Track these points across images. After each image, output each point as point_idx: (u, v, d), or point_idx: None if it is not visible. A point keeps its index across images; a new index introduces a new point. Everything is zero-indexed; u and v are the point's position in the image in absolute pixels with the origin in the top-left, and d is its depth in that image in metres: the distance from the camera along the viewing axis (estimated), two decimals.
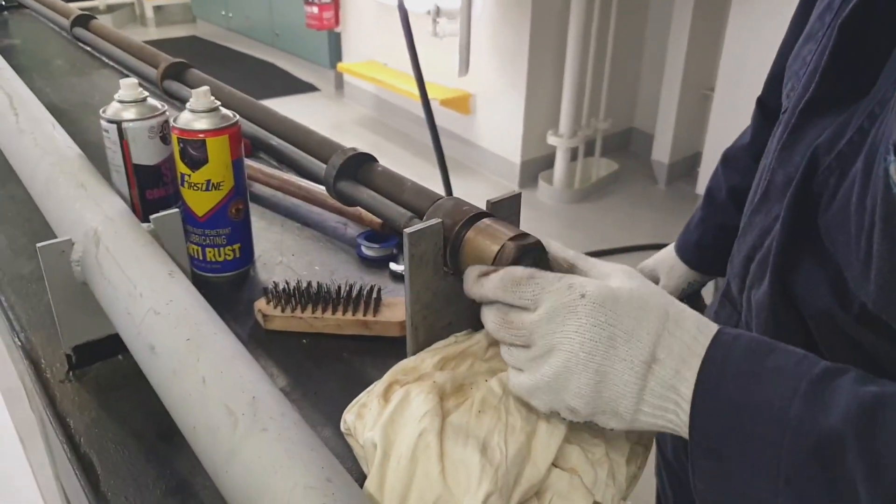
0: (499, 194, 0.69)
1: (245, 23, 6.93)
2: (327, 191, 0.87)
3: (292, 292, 0.85)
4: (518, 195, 0.71)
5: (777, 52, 0.93)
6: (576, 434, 0.62)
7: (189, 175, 0.87)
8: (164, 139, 0.91)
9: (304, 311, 0.84)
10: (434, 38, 4.05)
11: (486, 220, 0.66)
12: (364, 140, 5.04)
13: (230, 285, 0.95)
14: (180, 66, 1.22)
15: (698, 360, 0.52)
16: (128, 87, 0.90)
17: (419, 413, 0.59)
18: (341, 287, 0.85)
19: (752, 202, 0.77)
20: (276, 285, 0.85)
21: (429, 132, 1.98)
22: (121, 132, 0.89)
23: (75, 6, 1.78)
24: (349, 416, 0.64)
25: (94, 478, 0.65)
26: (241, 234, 0.94)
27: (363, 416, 0.63)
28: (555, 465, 0.60)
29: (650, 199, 4.23)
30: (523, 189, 4.27)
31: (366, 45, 5.23)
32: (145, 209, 0.92)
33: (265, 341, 0.84)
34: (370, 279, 0.96)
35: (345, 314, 0.84)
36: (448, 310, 0.70)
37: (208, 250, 0.92)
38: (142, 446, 0.69)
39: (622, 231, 3.80)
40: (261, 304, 0.86)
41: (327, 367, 0.81)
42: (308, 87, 6.09)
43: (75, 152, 0.89)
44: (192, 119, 0.86)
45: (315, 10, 5.27)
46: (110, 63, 1.79)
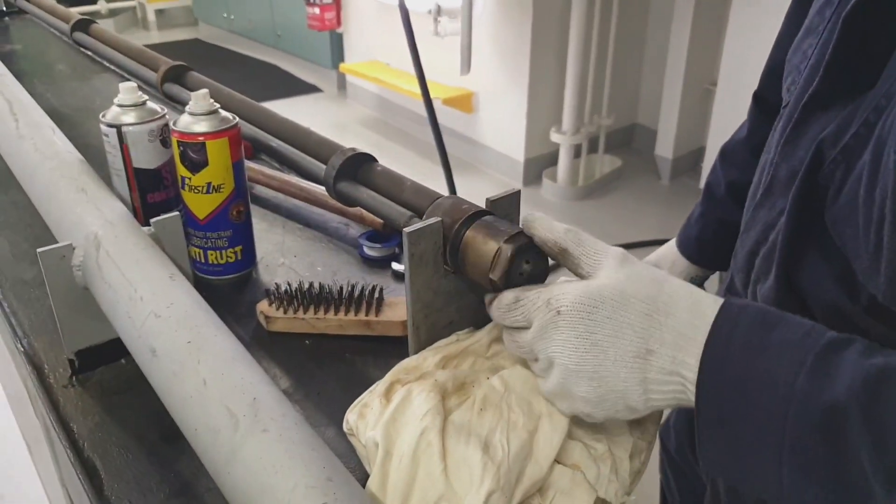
0: (495, 193, 0.69)
1: (247, 25, 6.94)
2: (327, 191, 0.87)
3: (294, 293, 0.85)
4: (517, 192, 0.70)
5: (773, 47, 0.93)
6: (579, 430, 0.62)
7: (189, 178, 0.88)
8: (165, 142, 0.91)
9: (305, 312, 0.84)
10: (436, 37, 4.05)
11: (485, 219, 0.66)
12: (367, 140, 5.04)
13: (232, 287, 0.95)
14: (180, 69, 1.22)
15: (695, 344, 0.53)
16: (127, 90, 0.90)
17: (421, 412, 0.59)
18: (343, 287, 0.85)
19: (754, 197, 0.77)
20: (278, 287, 0.85)
21: (432, 132, 1.98)
22: (121, 136, 0.89)
23: (76, 11, 1.78)
24: (351, 416, 0.64)
25: (98, 482, 0.65)
26: (243, 237, 0.94)
27: (365, 415, 0.63)
28: (557, 461, 0.60)
29: (654, 194, 4.23)
30: (527, 187, 4.27)
31: (368, 46, 5.23)
32: (146, 213, 0.92)
33: (268, 343, 0.84)
34: (372, 279, 0.96)
35: (347, 314, 0.84)
36: (449, 308, 0.70)
37: (210, 253, 0.93)
38: (145, 449, 0.69)
39: (627, 227, 3.80)
40: (263, 305, 0.86)
41: (330, 367, 0.81)
42: (311, 88, 6.09)
43: (75, 157, 0.89)
44: (191, 122, 0.86)
45: (316, 10, 5.27)
46: (111, 67, 1.79)
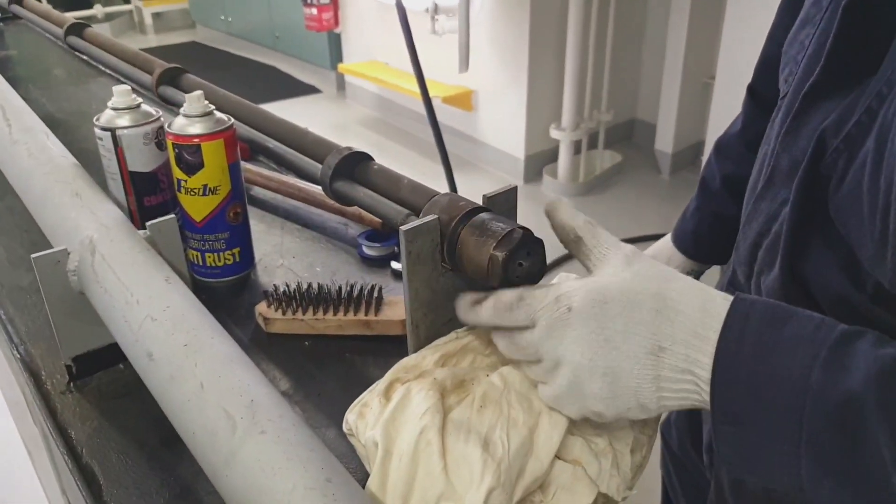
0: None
1: (245, 26, 6.94)
2: (324, 191, 0.86)
3: (293, 294, 0.84)
4: (514, 189, 0.70)
5: (766, 40, 0.93)
6: (579, 425, 0.61)
7: (185, 180, 0.87)
8: (160, 145, 0.91)
9: (304, 313, 0.84)
10: (433, 35, 4.05)
11: (482, 215, 0.65)
12: (367, 140, 5.04)
13: (231, 290, 0.94)
14: (175, 71, 1.21)
15: (707, 343, 0.52)
16: (121, 94, 0.89)
17: (420, 410, 0.58)
18: (342, 287, 0.84)
19: (754, 189, 0.77)
20: (277, 288, 0.85)
21: (432, 131, 1.97)
22: (115, 140, 0.88)
23: (72, 15, 1.78)
24: (351, 416, 0.63)
25: (97, 488, 0.64)
26: (241, 238, 0.94)
27: (365, 415, 0.62)
28: (558, 457, 0.59)
29: (655, 189, 4.22)
30: (528, 184, 4.27)
31: (366, 45, 5.23)
32: (143, 216, 0.91)
33: (267, 345, 0.84)
34: (372, 279, 0.96)
35: (346, 315, 0.83)
36: (448, 306, 0.70)
37: (208, 255, 0.92)
38: (144, 454, 0.68)
39: (628, 222, 3.79)
40: (261, 307, 0.85)
41: (330, 368, 0.80)
42: (310, 89, 6.09)
43: (69, 161, 0.89)
44: (186, 124, 0.86)
45: (314, 11, 5.27)
46: (106, 71, 1.79)
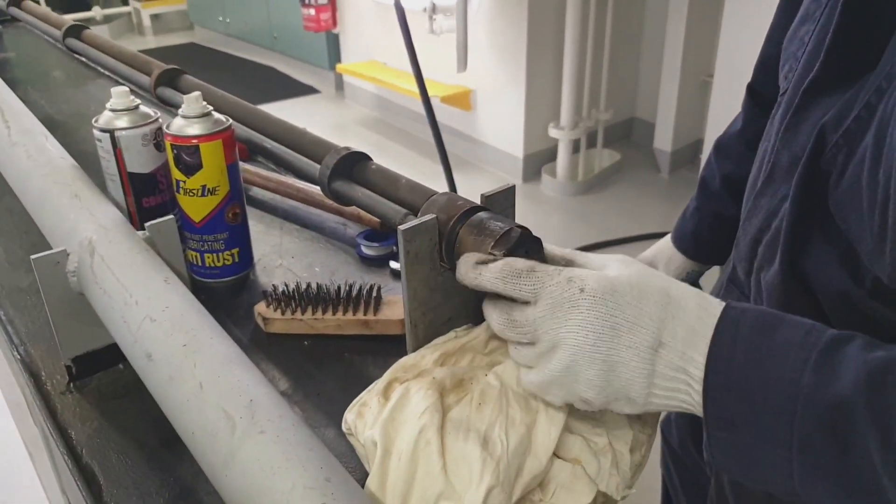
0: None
1: (243, 27, 6.93)
2: (322, 191, 0.86)
3: (292, 294, 0.84)
4: (512, 188, 0.70)
5: (765, 39, 0.93)
6: (578, 424, 0.61)
7: (184, 181, 0.87)
8: (158, 146, 0.91)
9: (304, 313, 0.84)
10: (431, 35, 4.05)
11: (480, 215, 0.66)
12: (366, 140, 5.04)
13: (230, 290, 0.94)
14: (173, 72, 1.21)
15: (704, 341, 0.53)
16: (119, 95, 0.89)
17: (419, 409, 0.58)
18: (341, 287, 0.84)
19: (754, 186, 0.77)
20: (276, 288, 0.85)
21: (431, 131, 1.97)
22: (114, 141, 0.88)
23: (70, 17, 1.78)
24: (350, 416, 0.64)
25: (97, 488, 0.64)
26: (240, 239, 0.94)
27: (364, 414, 0.62)
28: (558, 455, 0.60)
29: (654, 188, 4.22)
30: (527, 183, 4.27)
31: (364, 46, 5.23)
32: (142, 217, 0.91)
33: (266, 345, 0.84)
34: (371, 278, 0.96)
35: (345, 314, 0.83)
36: (447, 305, 0.70)
37: (207, 256, 0.92)
38: (144, 454, 0.68)
39: (627, 221, 3.79)
40: (261, 307, 0.85)
41: (329, 367, 0.80)
42: (308, 90, 6.09)
43: (68, 163, 0.89)
44: (184, 125, 0.86)
45: (312, 12, 5.27)
46: (105, 73, 1.79)
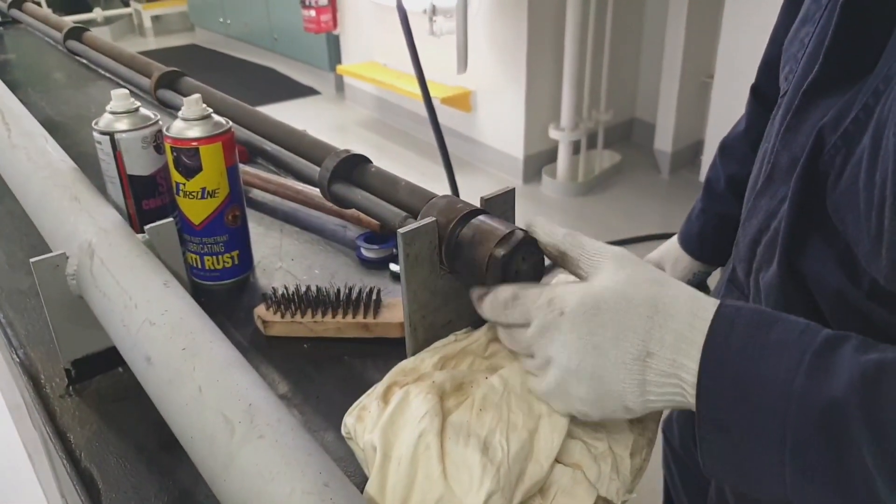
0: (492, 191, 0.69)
1: (243, 29, 6.94)
2: (322, 194, 0.86)
3: (291, 297, 0.84)
4: (511, 190, 0.70)
5: (769, 41, 0.93)
6: (578, 429, 0.61)
7: (184, 184, 0.87)
8: (158, 149, 0.91)
9: (303, 315, 0.83)
10: (431, 36, 4.05)
11: (480, 218, 0.66)
12: (367, 141, 5.04)
13: (230, 293, 0.94)
14: (173, 74, 1.21)
15: (695, 346, 0.53)
16: (119, 97, 0.89)
17: (419, 414, 0.58)
18: (341, 290, 0.84)
19: (754, 186, 0.77)
20: (275, 291, 0.85)
21: (433, 132, 1.96)
22: (114, 143, 0.88)
23: (71, 19, 1.78)
24: (349, 420, 0.63)
25: (96, 492, 0.64)
26: (239, 241, 0.94)
27: (363, 418, 0.62)
28: (558, 460, 0.59)
29: (654, 189, 4.22)
30: (527, 184, 4.27)
31: (364, 47, 5.22)
32: (142, 220, 0.91)
33: (266, 348, 0.84)
34: (371, 281, 0.96)
35: (345, 317, 0.83)
36: (446, 308, 0.70)
37: (206, 258, 0.92)
38: (144, 458, 0.68)
39: (628, 222, 3.79)
40: (260, 310, 0.85)
41: (329, 370, 0.80)
42: (309, 91, 6.09)
43: (68, 165, 0.89)
44: (184, 127, 0.86)
45: (312, 13, 5.27)
46: (106, 75, 1.79)
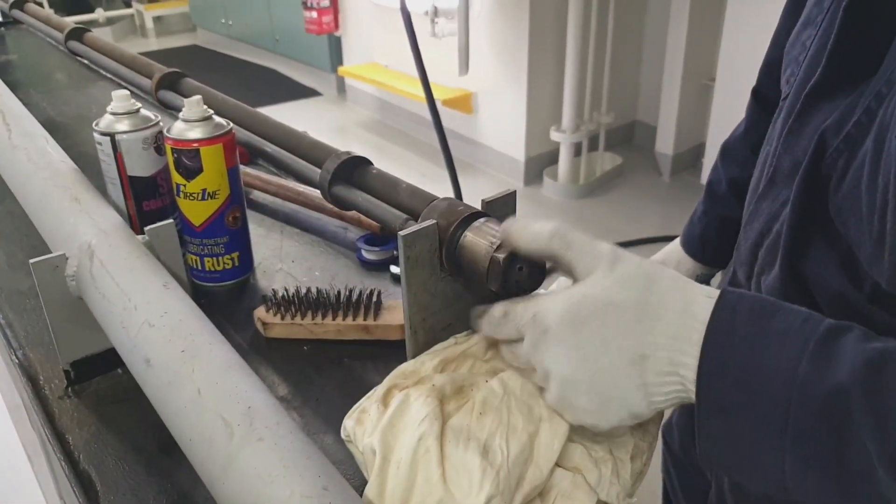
0: (494, 193, 0.69)
1: (245, 30, 6.94)
2: (322, 195, 0.86)
3: (291, 299, 0.84)
4: (513, 193, 0.70)
5: (770, 43, 0.93)
6: (579, 433, 0.61)
7: (184, 185, 0.87)
8: (159, 150, 0.90)
9: (303, 317, 0.83)
10: (433, 38, 4.05)
11: (481, 221, 0.65)
12: (368, 142, 5.04)
13: (230, 294, 0.94)
14: (174, 75, 1.21)
15: (689, 344, 0.52)
16: (120, 98, 0.89)
17: (418, 417, 0.58)
18: (341, 292, 0.84)
19: (756, 189, 0.77)
20: (276, 293, 0.84)
21: (436, 134, 1.96)
22: (114, 144, 0.88)
23: (73, 19, 1.78)
24: (349, 423, 0.63)
25: (94, 494, 0.64)
26: (240, 243, 0.93)
27: (363, 421, 0.62)
28: (558, 464, 0.59)
29: (656, 191, 4.22)
30: (528, 186, 4.26)
31: (366, 48, 5.22)
32: (142, 221, 0.91)
33: (266, 349, 0.83)
34: (371, 283, 0.96)
35: (345, 319, 0.83)
36: (447, 311, 0.70)
37: (207, 260, 0.92)
38: (142, 460, 0.68)
39: (629, 225, 3.79)
40: (260, 312, 0.85)
41: (328, 373, 0.80)
42: (310, 92, 6.09)
43: (69, 166, 0.89)
44: (185, 129, 0.86)
45: (314, 14, 5.27)
46: (107, 75, 1.79)
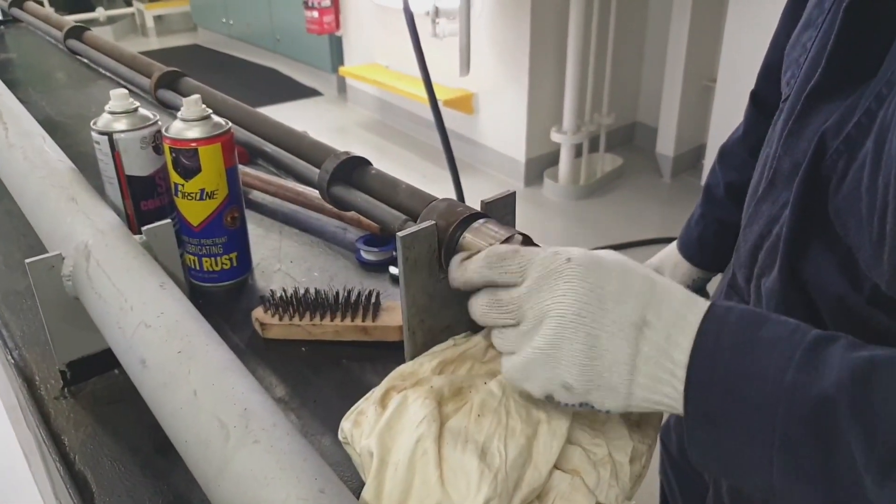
0: (494, 194, 0.68)
1: (246, 29, 6.94)
2: (321, 196, 0.86)
3: (289, 300, 0.84)
4: (512, 194, 0.69)
5: (769, 46, 0.93)
6: (577, 434, 0.61)
7: (182, 185, 0.87)
8: (157, 149, 0.90)
9: (301, 318, 0.83)
10: (434, 38, 4.04)
11: (480, 221, 0.65)
12: (368, 143, 5.04)
13: (228, 294, 0.94)
14: (173, 74, 1.21)
15: (690, 326, 0.52)
16: (118, 97, 0.89)
17: (416, 419, 0.57)
18: (339, 293, 0.84)
19: (755, 192, 0.76)
20: (274, 293, 0.84)
21: (437, 134, 1.96)
22: (112, 143, 0.88)
23: (73, 18, 1.78)
24: (346, 424, 0.63)
25: (89, 495, 0.63)
26: (238, 243, 0.93)
27: (360, 423, 0.61)
28: (556, 466, 0.59)
29: (656, 192, 4.21)
30: (529, 187, 4.26)
31: (367, 48, 5.23)
32: (140, 221, 0.91)
33: (263, 350, 0.83)
34: (370, 284, 0.95)
35: (343, 320, 0.83)
36: (445, 312, 0.69)
37: (205, 260, 0.91)
38: (138, 461, 0.68)
39: (629, 226, 3.78)
40: (258, 312, 0.85)
41: (327, 374, 0.80)
42: (311, 92, 6.09)
43: (66, 166, 0.88)
44: (183, 128, 0.85)
45: (315, 14, 5.27)
46: (106, 74, 1.78)
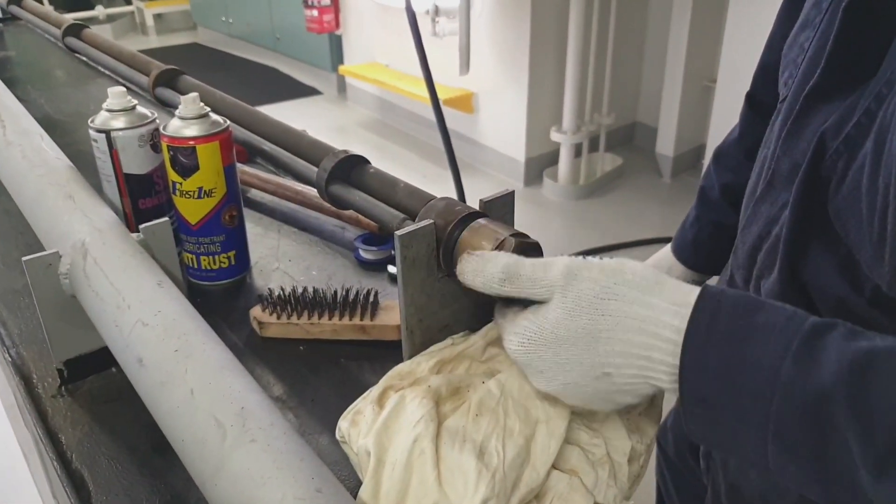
0: (492, 193, 0.68)
1: (246, 28, 6.93)
2: (320, 194, 0.86)
3: (288, 298, 0.83)
4: (511, 193, 0.69)
5: (765, 48, 0.92)
6: (576, 435, 0.61)
7: (180, 183, 0.86)
8: (155, 147, 0.90)
9: (300, 317, 0.83)
10: (434, 37, 4.04)
11: (479, 220, 0.65)
12: (368, 142, 5.04)
13: (226, 293, 0.93)
14: (172, 72, 1.21)
15: (653, 362, 0.52)
16: (116, 95, 0.88)
17: (414, 418, 0.57)
18: (338, 292, 0.84)
19: (754, 192, 0.76)
20: (272, 292, 0.84)
21: (438, 133, 1.95)
22: (110, 141, 0.87)
23: (73, 16, 1.77)
24: (344, 424, 0.63)
25: (86, 494, 0.63)
26: (236, 241, 0.93)
27: (358, 423, 0.61)
28: (555, 466, 0.59)
29: (656, 192, 4.21)
30: (528, 186, 4.26)
31: (367, 47, 5.22)
32: (138, 219, 0.91)
33: (261, 349, 0.83)
34: (369, 283, 0.95)
35: (341, 319, 0.82)
36: (444, 312, 0.69)
37: (203, 258, 0.91)
38: (135, 460, 0.67)
39: (629, 226, 3.78)
40: (256, 311, 0.84)
41: (324, 373, 0.79)
42: (311, 91, 6.09)
43: (64, 164, 0.88)
44: (181, 126, 0.85)
45: (315, 13, 5.27)
46: (105, 72, 1.78)
